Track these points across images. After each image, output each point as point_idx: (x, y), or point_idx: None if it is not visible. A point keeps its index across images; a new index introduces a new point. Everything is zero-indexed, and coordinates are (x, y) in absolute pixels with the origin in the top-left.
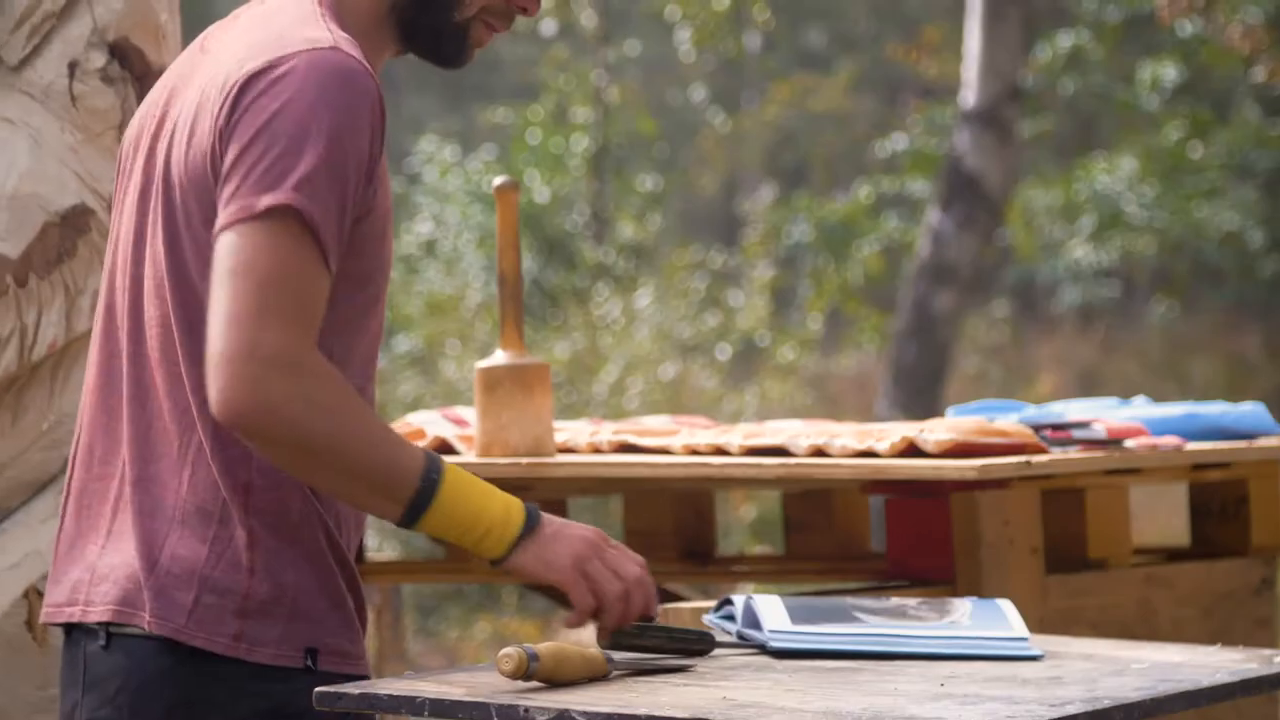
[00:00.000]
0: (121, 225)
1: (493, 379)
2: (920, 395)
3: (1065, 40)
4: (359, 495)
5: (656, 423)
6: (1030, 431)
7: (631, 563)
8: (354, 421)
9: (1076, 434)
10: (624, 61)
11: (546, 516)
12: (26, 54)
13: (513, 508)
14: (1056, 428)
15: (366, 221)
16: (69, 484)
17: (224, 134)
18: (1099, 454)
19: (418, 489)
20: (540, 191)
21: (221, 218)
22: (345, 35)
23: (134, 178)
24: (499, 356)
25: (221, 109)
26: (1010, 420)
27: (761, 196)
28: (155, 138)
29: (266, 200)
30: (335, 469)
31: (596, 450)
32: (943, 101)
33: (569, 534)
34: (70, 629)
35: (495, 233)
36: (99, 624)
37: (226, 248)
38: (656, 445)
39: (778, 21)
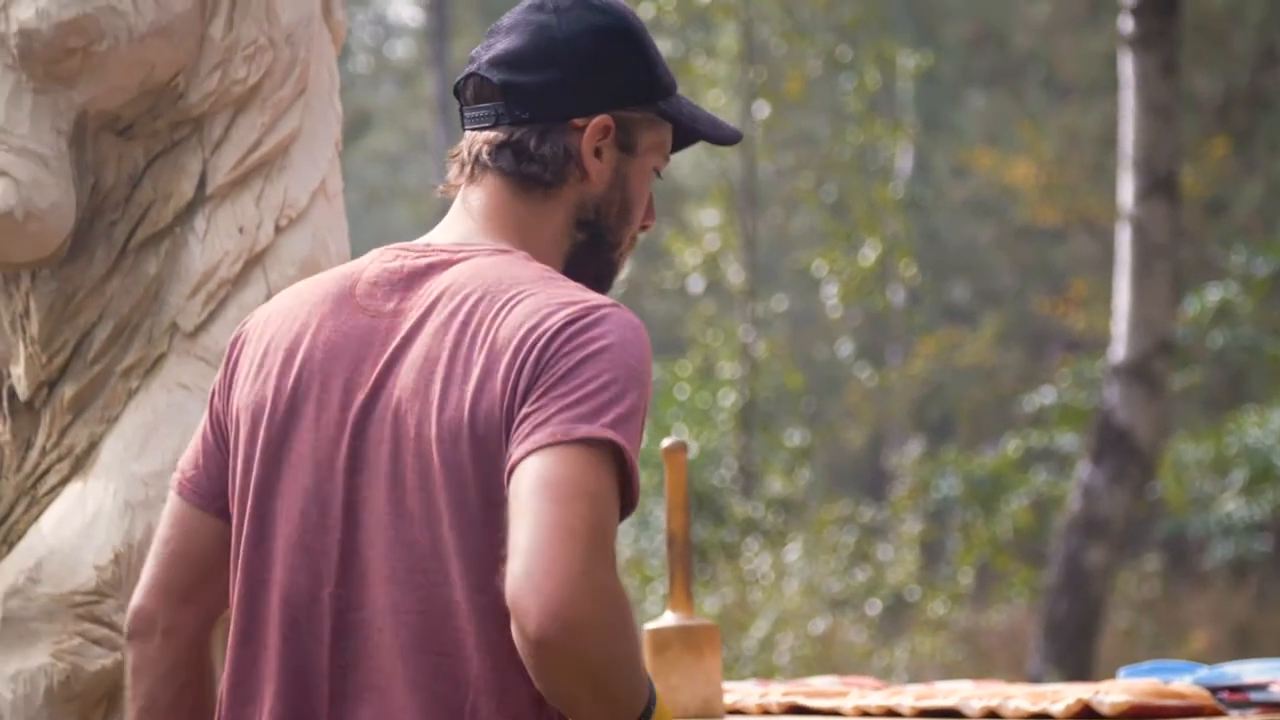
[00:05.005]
0: (291, 509)
1: (662, 640)
2: (1073, 651)
3: (1214, 293)
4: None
5: (824, 683)
6: (1207, 693)
7: None
8: (635, 652)
9: (1254, 696)
10: (771, 316)
11: None
12: (202, 320)
13: None
14: (1233, 689)
15: None
16: None
17: (529, 382)
18: (1277, 716)
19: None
20: (688, 446)
21: (528, 443)
22: None
23: (305, 457)
24: (668, 618)
25: (524, 363)
26: (1185, 682)
27: (909, 450)
28: (368, 410)
29: (586, 429)
30: (606, 699)
31: (766, 712)
32: (1090, 355)
33: None
34: None
35: (642, 490)
36: None
37: (544, 466)
38: (826, 707)
39: (923, 276)
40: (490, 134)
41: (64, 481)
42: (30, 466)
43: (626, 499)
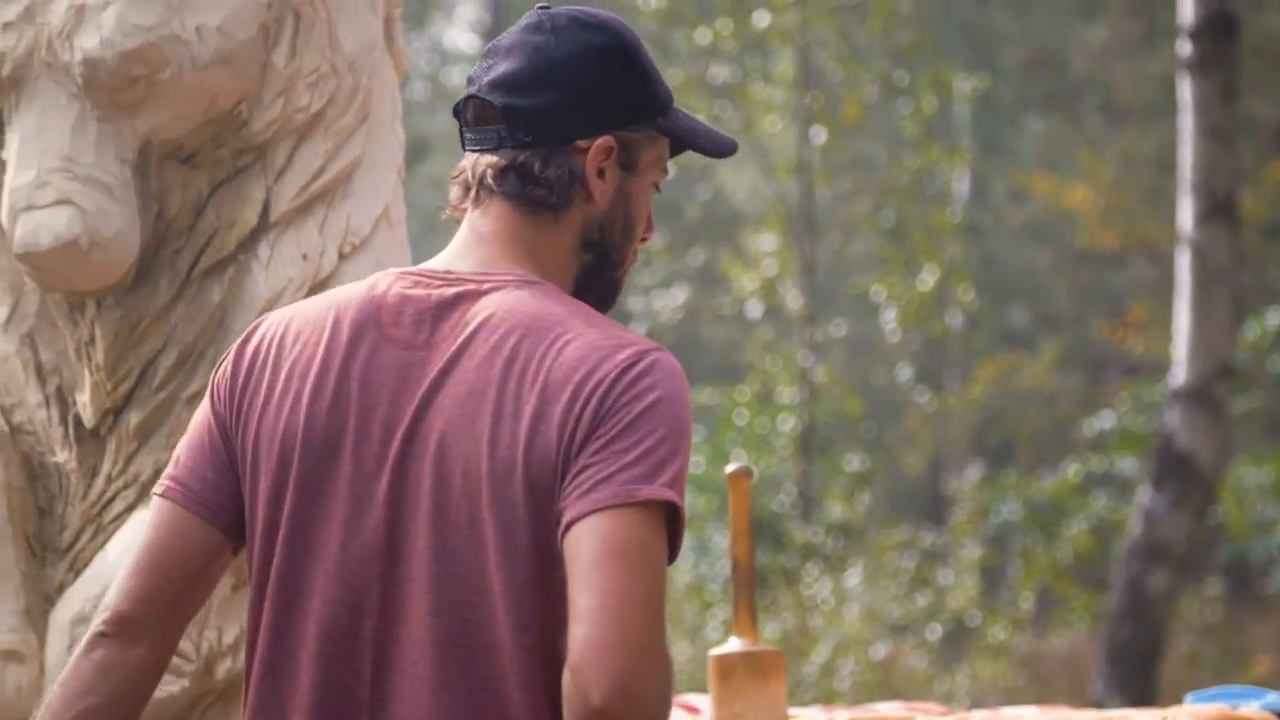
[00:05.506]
0: (330, 542)
1: (727, 666)
2: (1135, 676)
3: (1274, 317)
4: None
5: (889, 709)
6: (1275, 719)
7: None
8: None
9: None
10: (829, 341)
11: None
12: None
13: None
14: None
15: None
16: None
17: (587, 432)
18: None
19: None
20: (752, 472)
21: (588, 501)
22: None
23: (343, 491)
24: (733, 644)
25: (582, 412)
26: (1253, 707)
27: (968, 475)
28: (408, 444)
29: (648, 491)
30: None
31: None
32: (1150, 379)
33: None
34: None
35: (702, 515)
36: None
37: (609, 529)
38: None
39: (981, 301)
40: (493, 157)
41: (130, 509)
42: (96, 494)
43: (671, 553)
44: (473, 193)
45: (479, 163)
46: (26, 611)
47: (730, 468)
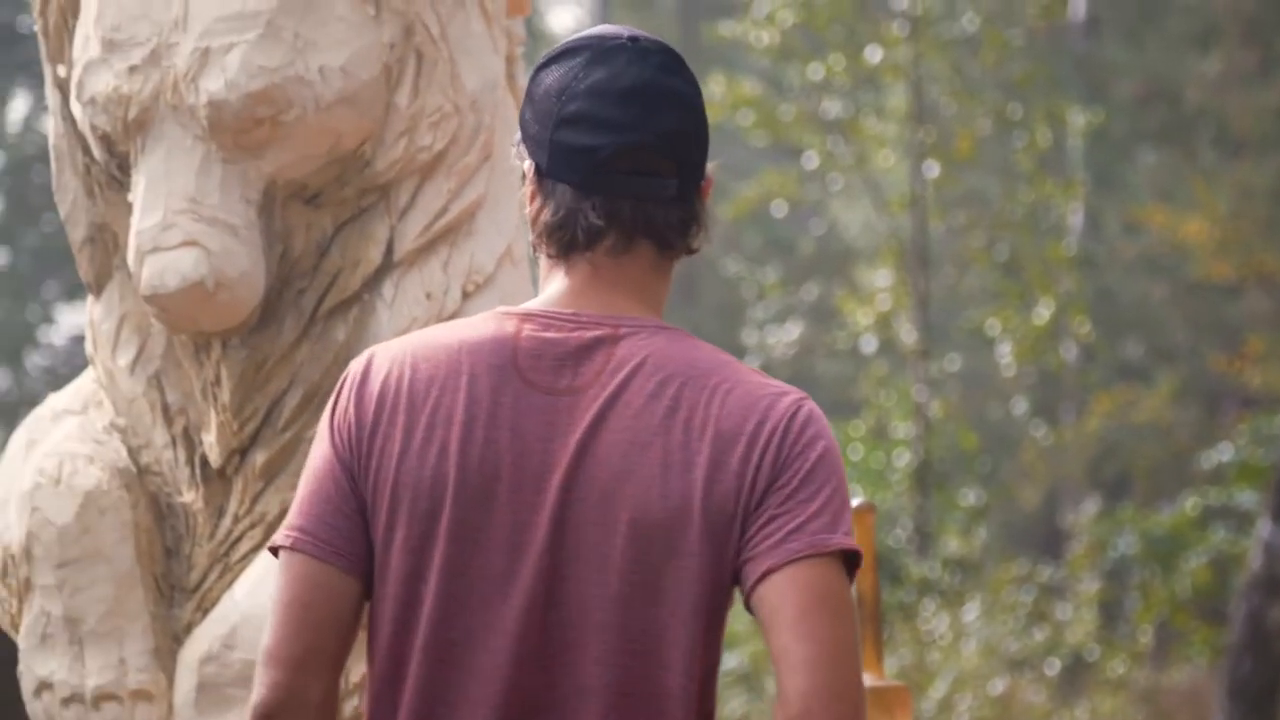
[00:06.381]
0: (488, 592)
1: None
2: (1257, 711)
3: None
4: None
5: None
6: None
7: None
8: None
9: None
10: (944, 376)
11: None
12: None
13: None
14: None
15: None
16: None
17: (769, 480)
18: None
19: None
20: (875, 507)
21: (783, 550)
22: None
23: (500, 541)
24: None
25: (761, 460)
26: None
27: (1085, 509)
28: (567, 492)
29: (838, 541)
30: None
31: None
32: (1268, 411)
33: None
34: None
35: None
36: None
37: (812, 578)
38: None
39: (1096, 334)
40: (668, 210)
41: (257, 548)
42: (223, 534)
43: None
44: (613, 236)
45: (642, 210)
46: (155, 651)
47: (853, 503)
